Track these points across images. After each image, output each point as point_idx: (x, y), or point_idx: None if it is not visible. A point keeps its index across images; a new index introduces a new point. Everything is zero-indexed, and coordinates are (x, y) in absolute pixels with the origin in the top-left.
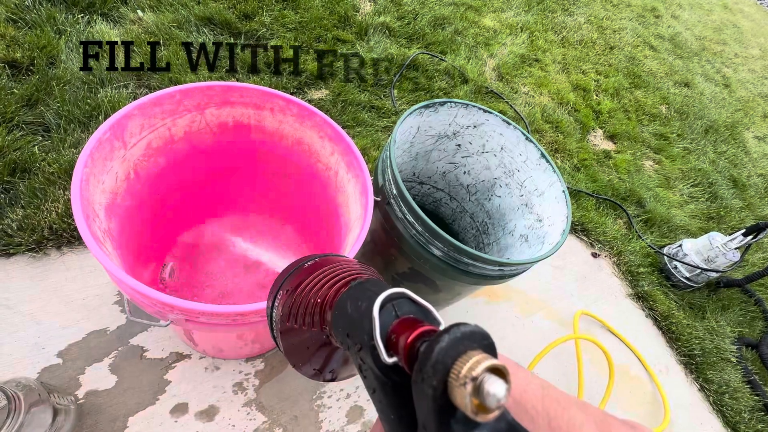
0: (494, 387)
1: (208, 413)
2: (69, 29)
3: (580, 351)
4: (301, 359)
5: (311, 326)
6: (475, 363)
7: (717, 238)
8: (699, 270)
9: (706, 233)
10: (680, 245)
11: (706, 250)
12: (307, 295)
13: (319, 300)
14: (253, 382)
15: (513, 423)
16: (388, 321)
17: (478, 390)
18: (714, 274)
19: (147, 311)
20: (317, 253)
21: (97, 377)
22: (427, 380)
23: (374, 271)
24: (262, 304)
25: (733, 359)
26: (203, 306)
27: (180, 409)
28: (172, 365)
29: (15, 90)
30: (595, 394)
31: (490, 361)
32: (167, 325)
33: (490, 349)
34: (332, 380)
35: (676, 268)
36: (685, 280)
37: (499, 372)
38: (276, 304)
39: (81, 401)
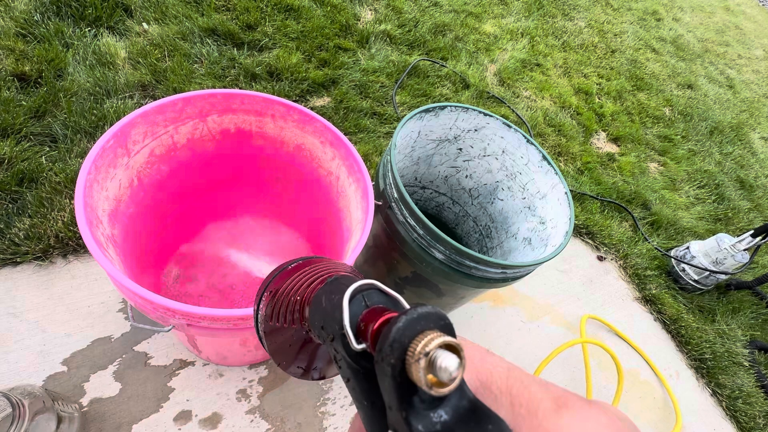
0: (446, 361)
1: (212, 421)
2: (76, 42)
3: (587, 355)
4: (286, 358)
5: (292, 323)
6: (429, 340)
7: (725, 239)
8: (707, 272)
9: (713, 235)
10: (687, 247)
11: (715, 252)
12: (288, 294)
13: (298, 298)
14: (256, 389)
15: (474, 401)
16: (357, 311)
17: (431, 365)
18: (723, 276)
19: (150, 316)
20: (303, 256)
21: (102, 385)
22: (386, 359)
23: (355, 270)
24: None
25: (746, 363)
26: (205, 310)
27: (184, 416)
28: (176, 372)
29: (23, 102)
30: (603, 399)
31: (443, 338)
32: (169, 330)
33: (446, 328)
34: (321, 378)
35: (684, 270)
36: (693, 283)
37: (453, 348)
38: (261, 305)
39: (85, 409)
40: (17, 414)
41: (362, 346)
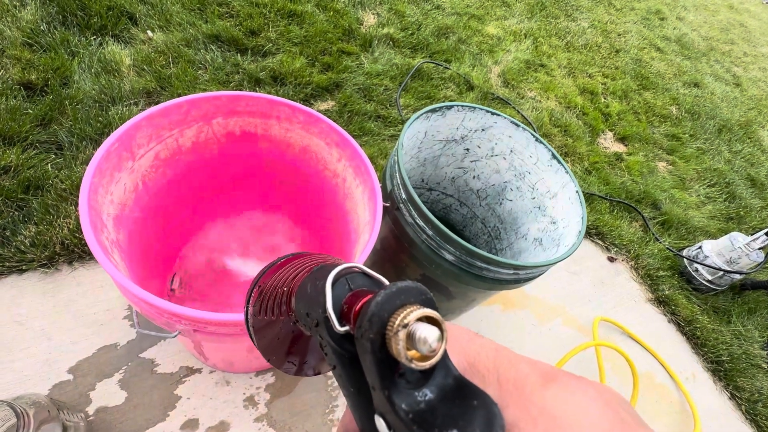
0: (426, 332)
1: (220, 429)
2: (82, 51)
3: (601, 358)
4: (277, 354)
5: (280, 315)
6: (408, 313)
7: (738, 238)
8: (721, 272)
9: (726, 234)
10: (700, 247)
11: (728, 252)
12: (276, 287)
13: (285, 289)
14: (264, 396)
15: (460, 378)
16: (341, 294)
17: (411, 338)
18: (738, 276)
19: (155, 322)
20: (294, 252)
21: (108, 393)
22: (365, 334)
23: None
24: None
25: (764, 365)
26: (211, 315)
27: (191, 425)
28: (183, 380)
29: (30, 110)
30: None
31: (423, 311)
32: (175, 335)
33: (427, 302)
34: (316, 374)
35: (697, 270)
36: (707, 283)
37: (434, 321)
38: (250, 302)
39: (91, 418)
40: (22, 424)
41: (345, 328)
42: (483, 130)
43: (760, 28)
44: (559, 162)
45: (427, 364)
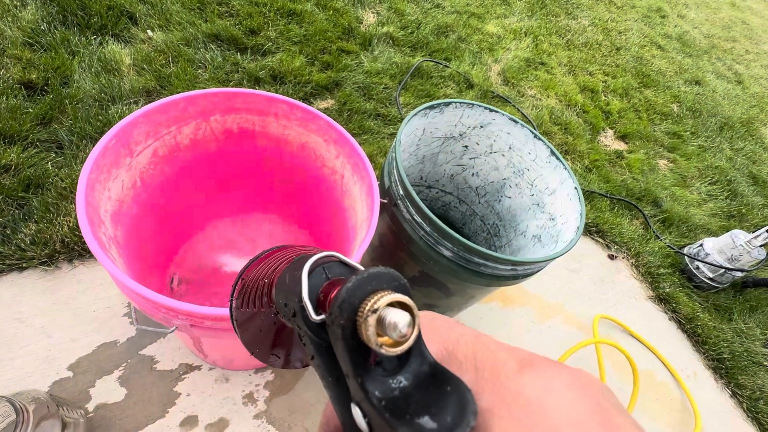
0: (396, 318)
1: (219, 426)
2: (82, 50)
3: (601, 356)
4: (261, 347)
5: (261, 307)
6: (379, 298)
7: (740, 236)
8: (723, 270)
9: (727, 232)
10: (701, 245)
11: (729, 249)
12: (257, 279)
13: (266, 281)
14: (263, 393)
15: (435, 365)
16: (318, 283)
17: (381, 323)
18: (739, 274)
19: (153, 318)
20: (279, 245)
21: (107, 390)
22: (335, 321)
23: (334, 254)
24: None
25: (766, 363)
26: (207, 309)
27: (190, 422)
28: (182, 377)
29: (30, 109)
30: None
31: (394, 296)
32: (173, 330)
33: (400, 288)
34: (304, 366)
35: (698, 268)
36: (708, 281)
37: (405, 306)
38: (234, 295)
39: (91, 414)
40: (21, 420)
41: (322, 317)
42: (481, 127)
43: (763, 25)
44: (558, 158)
45: (398, 350)
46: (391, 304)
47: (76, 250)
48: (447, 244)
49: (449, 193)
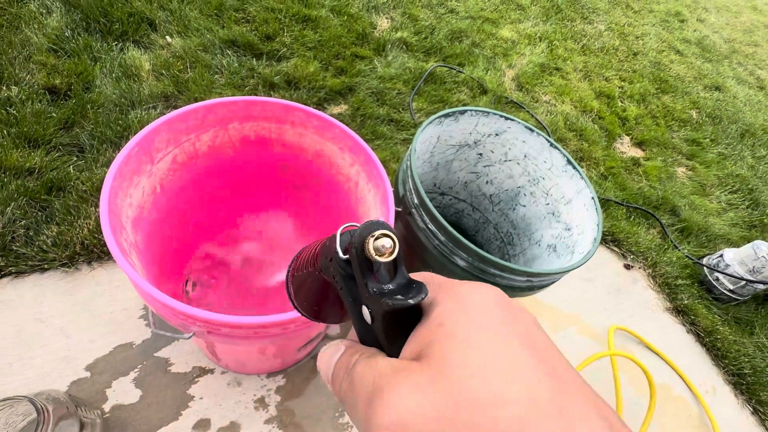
0: (383, 241)
1: (231, 430)
2: (104, 56)
3: (616, 369)
4: (305, 302)
5: (309, 267)
6: (375, 231)
7: (762, 247)
8: (744, 282)
9: (748, 242)
10: (721, 255)
11: (751, 261)
12: (308, 252)
13: (314, 251)
14: (275, 398)
15: (411, 279)
16: (345, 240)
17: (377, 247)
18: (761, 286)
19: (170, 323)
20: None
21: (123, 391)
22: (353, 248)
23: None
24: (283, 316)
25: None
26: (225, 317)
27: (202, 425)
28: (196, 380)
29: (53, 114)
30: (634, 416)
31: (383, 231)
32: (190, 337)
33: (388, 228)
34: (330, 322)
35: (717, 279)
36: (728, 293)
37: (389, 236)
38: (290, 267)
39: (107, 415)
40: (42, 419)
41: (346, 256)
42: (497, 134)
43: None
44: (574, 167)
45: (387, 260)
46: (381, 235)
47: (95, 252)
48: (462, 254)
49: (463, 201)
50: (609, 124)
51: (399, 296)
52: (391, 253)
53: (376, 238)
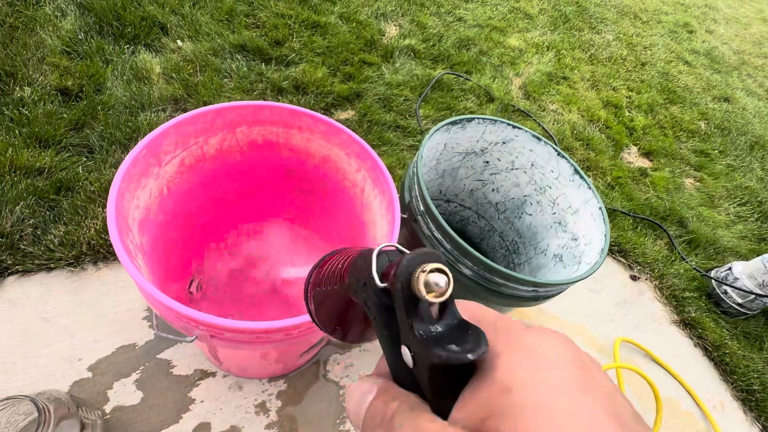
0: (436, 278)
1: None
2: (115, 59)
3: (622, 382)
4: (328, 321)
5: (334, 285)
6: (428, 265)
7: None
8: (753, 296)
9: (757, 256)
10: (729, 268)
11: (761, 275)
12: (332, 266)
13: (340, 266)
14: (276, 403)
15: (463, 320)
16: (382, 263)
17: (427, 283)
18: None
19: (174, 326)
20: (342, 247)
21: (124, 393)
22: (398, 281)
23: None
24: (287, 322)
25: None
26: (229, 322)
27: (203, 428)
28: (197, 383)
29: (65, 115)
30: None
31: (436, 265)
32: (192, 340)
33: (441, 261)
34: (354, 342)
35: (726, 293)
36: (737, 307)
37: (443, 272)
38: (310, 280)
39: (108, 416)
40: (43, 419)
41: (384, 284)
42: (504, 143)
43: None
44: (582, 177)
45: (438, 300)
46: (435, 270)
47: (101, 253)
48: (467, 263)
49: (468, 208)
50: (616, 133)
51: (453, 346)
52: (444, 292)
53: (429, 272)
